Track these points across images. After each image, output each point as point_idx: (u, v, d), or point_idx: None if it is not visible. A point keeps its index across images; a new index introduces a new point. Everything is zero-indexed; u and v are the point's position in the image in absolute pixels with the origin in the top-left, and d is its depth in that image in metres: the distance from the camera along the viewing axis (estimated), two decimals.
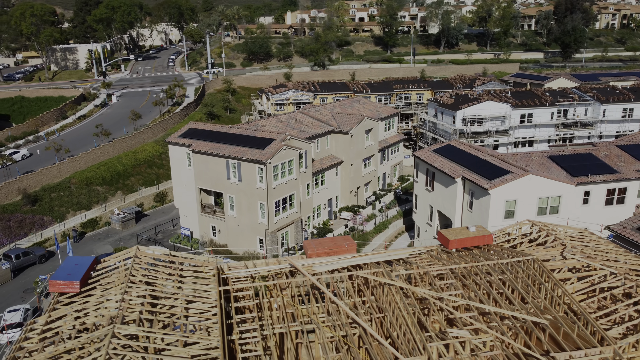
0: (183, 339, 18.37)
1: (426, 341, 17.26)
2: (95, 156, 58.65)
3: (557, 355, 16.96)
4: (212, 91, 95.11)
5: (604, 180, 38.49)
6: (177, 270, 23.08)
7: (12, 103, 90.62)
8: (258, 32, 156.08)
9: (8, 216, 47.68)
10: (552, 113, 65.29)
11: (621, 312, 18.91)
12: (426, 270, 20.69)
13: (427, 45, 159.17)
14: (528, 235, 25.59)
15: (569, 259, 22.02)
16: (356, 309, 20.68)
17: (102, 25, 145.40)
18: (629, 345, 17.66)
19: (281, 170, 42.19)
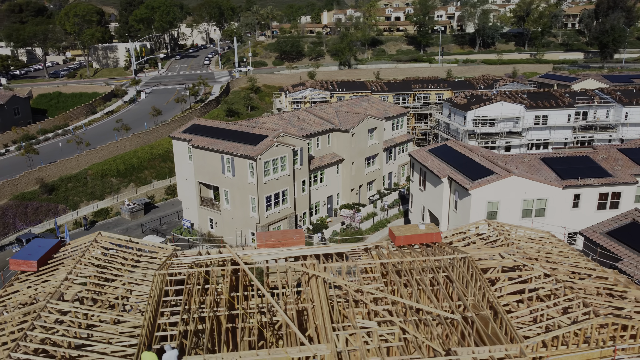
0: (116, 317, 19.78)
1: (333, 330, 17.94)
2: (113, 149, 61.68)
3: (459, 350, 17.23)
4: (237, 89, 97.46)
5: (596, 183, 37.50)
6: (134, 255, 24.59)
7: (50, 98, 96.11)
8: (293, 32, 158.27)
9: (25, 203, 51.05)
10: (569, 115, 63.44)
11: (540, 312, 18.91)
12: (356, 264, 21.26)
13: (462, 44, 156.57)
14: (482, 235, 25.63)
15: (506, 259, 22.01)
16: (286, 298, 21.52)
17: (142, 24, 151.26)
18: (537, 345, 17.69)
19: (272, 166, 43.31)
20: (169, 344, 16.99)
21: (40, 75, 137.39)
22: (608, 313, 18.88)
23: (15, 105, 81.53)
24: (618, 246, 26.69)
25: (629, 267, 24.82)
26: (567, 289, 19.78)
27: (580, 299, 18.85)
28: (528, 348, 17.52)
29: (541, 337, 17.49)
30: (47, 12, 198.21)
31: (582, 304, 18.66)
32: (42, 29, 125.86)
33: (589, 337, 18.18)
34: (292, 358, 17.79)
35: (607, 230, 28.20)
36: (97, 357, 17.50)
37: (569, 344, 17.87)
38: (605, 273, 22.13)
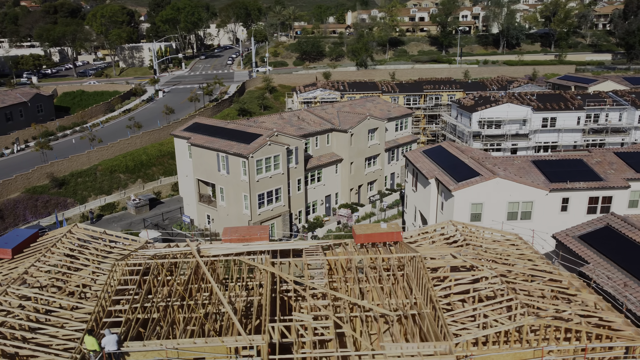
0: (74, 304, 20.93)
1: (275, 322, 18.61)
2: (123, 146, 63.75)
3: (388, 346, 17.65)
4: (253, 89, 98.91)
5: (585, 187, 36.92)
6: (107, 247, 25.77)
7: (74, 97, 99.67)
8: (316, 32, 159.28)
9: (36, 196, 53.38)
10: (579, 117, 62.18)
11: (478, 311, 19.09)
12: (302, 260, 21.85)
13: (486, 45, 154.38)
14: (446, 236, 25.80)
15: (456, 259, 22.18)
16: (237, 290, 22.28)
17: (168, 25, 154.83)
18: (467, 343, 17.90)
19: (265, 165, 44.16)
20: (108, 329, 17.92)
21: (70, 74, 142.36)
22: (549, 315, 18.95)
23: (38, 103, 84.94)
24: (587, 250, 26.41)
25: (591, 271, 24.58)
26: (510, 290, 19.88)
27: (519, 300, 18.95)
28: (458, 346, 17.76)
29: (471, 336, 17.71)
30: (80, 13, 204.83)
31: (520, 305, 18.76)
32: (71, 29, 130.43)
33: (524, 337, 18.27)
34: (229, 347, 18.53)
35: (580, 234, 27.91)
36: (46, 340, 18.63)
37: (501, 344, 18.02)
38: (560, 276, 22.08)
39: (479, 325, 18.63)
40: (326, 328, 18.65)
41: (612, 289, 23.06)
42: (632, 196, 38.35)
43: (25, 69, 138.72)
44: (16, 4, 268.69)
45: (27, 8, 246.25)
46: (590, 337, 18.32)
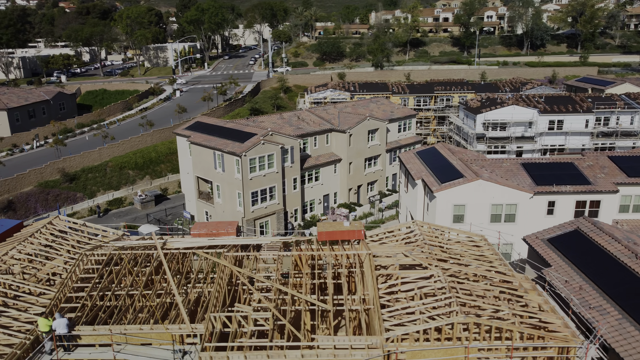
0: (41, 290, 22.33)
1: (214, 312, 19.53)
2: (134, 144, 65.90)
3: (320, 338, 18.33)
4: (268, 89, 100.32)
5: (571, 191, 36.55)
6: (86, 238, 27.19)
7: (96, 95, 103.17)
8: (337, 32, 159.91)
9: (48, 190, 55.87)
10: (587, 120, 61.06)
11: (415, 308, 19.55)
12: (258, 255, 22.69)
13: (509, 46, 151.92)
14: (408, 235, 26.21)
15: (407, 258, 22.63)
16: (194, 282, 23.25)
17: (192, 26, 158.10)
18: (398, 338, 18.39)
19: (259, 163, 45.18)
20: (59, 313, 19.15)
21: (98, 74, 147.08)
22: (486, 315, 19.28)
23: (61, 101, 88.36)
24: (552, 253, 26.39)
25: (550, 274, 24.61)
26: (451, 289, 20.28)
27: (454, 298, 19.33)
28: (389, 341, 18.29)
29: (401, 331, 18.22)
30: (112, 14, 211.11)
31: (456, 303, 19.14)
32: (99, 30, 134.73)
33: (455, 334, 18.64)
34: (173, 334, 19.54)
35: (549, 237, 27.86)
36: (7, 322, 20.02)
37: (432, 340, 18.45)
38: (512, 278, 22.33)
39: (413, 321, 19.11)
40: (266, 320, 19.43)
41: (565, 292, 23.09)
42: (623, 201, 37.77)
43: (55, 68, 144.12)
44: (55, 4, 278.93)
45: (64, 9, 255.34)
46: (523, 337, 18.56)
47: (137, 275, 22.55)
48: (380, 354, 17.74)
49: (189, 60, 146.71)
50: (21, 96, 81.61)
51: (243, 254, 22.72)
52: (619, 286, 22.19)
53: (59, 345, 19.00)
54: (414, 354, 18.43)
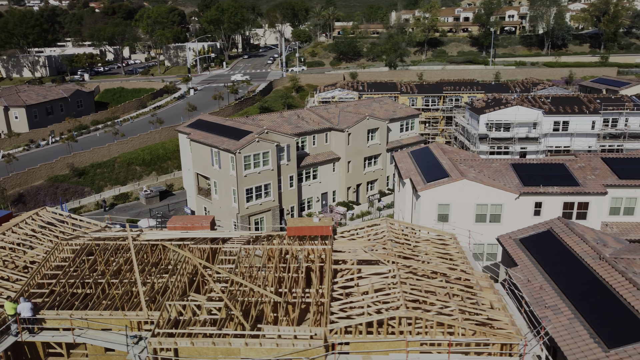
0: (18, 277, 23.57)
1: (170, 299, 20.39)
2: (143, 140, 67.67)
3: (267, 328, 18.98)
4: (280, 88, 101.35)
5: (558, 192, 36.26)
6: (69, 229, 28.43)
7: (114, 93, 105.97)
8: (357, 32, 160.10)
9: (57, 184, 57.96)
10: (593, 122, 60.06)
11: (362, 302, 20.01)
12: (220, 248, 23.47)
13: (529, 46, 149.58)
14: (377, 232, 26.62)
15: (365, 253, 23.07)
16: (159, 272, 24.14)
17: (212, 25, 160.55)
18: (341, 330, 18.87)
19: (254, 161, 46.05)
20: (23, 297, 20.27)
21: (120, 72, 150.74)
22: (434, 310, 19.62)
23: (78, 99, 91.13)
24: (520, 253, 26.43)
25: (514, 273, 24.70)
26: (402, 284, 20.67)
27: (400, 293, 19.72)
28: (332, 332, 18.82)
29: (344, 324, 18.71)
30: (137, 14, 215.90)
31: (403, 298, 19.54)
32: (120, 30, 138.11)
33: (397, 328, 19.03)
34: (131, 321, 20.47)
35: (521, 237, 27.88)
36: None
37: (375, 333, 18.90)
38: (470, 276, 22.58)
39: (360, 314, 19.58)
40: (219, 309, 20.16)
41: (524, 291, 23.18)
42: (614, 203, 37.30)
43: (79, 66, 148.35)
44: (86, 4, 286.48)
45: (93, 9, 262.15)
46: (466, 333, 18.84)
47: (107, 265, 23.57)
48: (321, 344, 18.28)
49: (207, 59, 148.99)
50: (40, 94, 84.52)
51: (208, 246, 23.53)
52: (577, 286, 22.19)
53: (24, 328, 20.11)
54: (357, 345, 18.91)
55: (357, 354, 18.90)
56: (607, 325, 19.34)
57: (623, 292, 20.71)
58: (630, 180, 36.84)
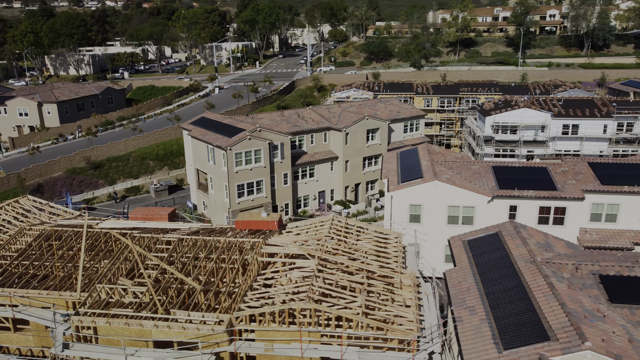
0: None
1: (98, 282, 22.03)
2: (158, 136, 70.64)
3: (179, 312, 20.24)
4: (303, 87, 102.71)
5: (533, 196, 35.74)
6: (46, 217, 30.73)
7: (145, 91, 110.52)
8: (394, 32, 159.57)
9: (73, 176, 61.55)
10: (605, 125, 57.99)
11: (276, 292, 20.93)
12: (160, 237, 24.91)
13: (569, 47, 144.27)
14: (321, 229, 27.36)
15: (295, 248, 23.89)
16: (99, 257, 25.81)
17: (247, 25, 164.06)
18: (246, 317, 19.87)
19: (245, 158, 47.50)
20: None
21: (158, 71, 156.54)
22: (338, 304, 20.31)
23: (109, 96, 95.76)
24: (463, 254, 26.51)
25: (449, 274, 24.89)
26: (317, 278, 21.45)
27: (311, 286, 20.50)
28: (238, 320, 19.87)
29: (250, 312, 19.72)
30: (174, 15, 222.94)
31: (311, 291, 20.34)
32: (158, 30, 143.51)
33: (298, 319, 19.82)
34: (66, 300, 22.22)
35: (469, 239, 27.90)
36: None
37: (277, 322, 19.78)
38: (395, 274, 23.08)
39: (267, 304, 20.50)
40: (142, 293, 21.59)
41: (452, 292, 23.38)
42: (595, 209, 36.38)
43: (120, 65, 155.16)
44: (139, 5, 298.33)
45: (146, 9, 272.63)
46: (363, 327, 19.40)
47: (59, 250, 25.50)
48: (223, 330, 19.34)
49: (240, 58, 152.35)
50: (73, 90, 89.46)
51: (149, 235, 25.03)
52: (501, 289, 22.22)
53: None
54: (262, 333, 19.87)
55: (261, 342, 19.85)
56: (510, 328, 19.43)
57: (538, 296, 20.67)
58: (612, 186, 35.84)
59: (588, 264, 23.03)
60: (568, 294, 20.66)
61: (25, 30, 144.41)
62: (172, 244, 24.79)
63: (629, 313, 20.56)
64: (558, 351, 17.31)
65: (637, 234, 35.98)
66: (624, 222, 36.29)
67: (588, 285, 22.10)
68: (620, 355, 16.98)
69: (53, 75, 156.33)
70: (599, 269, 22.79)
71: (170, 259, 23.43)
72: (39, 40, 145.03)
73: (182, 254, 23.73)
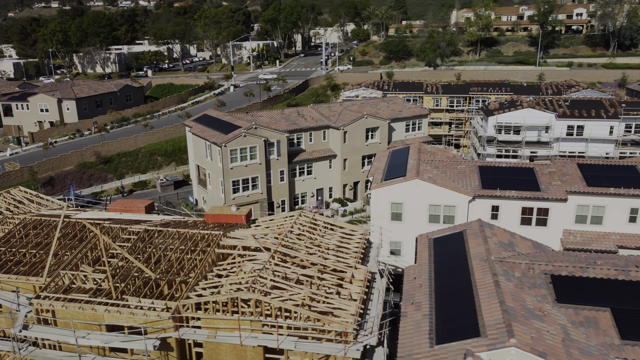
0: None
1: (62, 269, 23.20)
2: (168, 133, 72.46)
3: (130, 298, 21.22)
4: (316, 86, 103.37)
5: (515, 196, 35.51)
6: (35, 207, 32.32)
7: (163, 88, 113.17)
8: (414, 31, 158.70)
9: (84, 170, 63.83)
10: (611, 127, 56.73)
11: (225, 282, 21.67)
12: (127, 228, 25.98)
13: (594, 46, 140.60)
14: (286, 223, 27.99)
15: (252, 241, 24.58)
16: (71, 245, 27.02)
17: (269, 25, 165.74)
18: (192, 305, 20.67)
19: (240, 154, 48.49)
20: None
21: (180, 69, 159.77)
22: (283, 296, 20.93)
23: (127, 93, 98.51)
24: (425, 252, 26.70)
25: (407, 271, 25.19)
26: (266, 269, 22.11)
27: (258, 278, 21.17)
28: (185, 307, 20.70)
29: (195, 300, 20.53)
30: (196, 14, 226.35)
31: (256, 283, 21.02)
32: (180, 29, 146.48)
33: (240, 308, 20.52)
34: (33, 285, 23.49)
35: (435, 237, 28.06)
36: None
37: (221, 310, 20.53)
38: (350, 269, 23.56)
39: (212, 293, 21.26)
40: (102, 279, 22.66)
41: (406, 288, 23.68)
42: (580, 211, 35.90)
43: (144, 63, 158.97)
44: (170, 5, 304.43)
45: (173, 9, 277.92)
46: (302, 318, 19.96)
47: (36, 237, 26.87)
48: (169, 316, 20.20)
49: (260, 57, 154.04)
50: (92, 88, 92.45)
51: (118, 226, 26.13)
52: (451, 286, 22.42)
53: None
54: (207, 321, 20.66)
55: (206, 329, 20.64)
56: (447, 323, 19.67)
57: (482, 294, 20.81)
58: (597, 188, 35.30)
59: (542, 264, 22.99)
60: (511, 293, 20.75)
61: (54, 30, 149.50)
62: (138, 234, 25.82)
63: (573, 313, 20.51)
64: (484, 347, 17.50)
65: (623, 236, 35.35)
66: (610, 224, 35.68)
67: (538, 284, 22.09)
68: (545, 352, 17.08)
69: (81, 73, 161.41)
70: (552, 269, 22.73)
71: (133, 248, 24.45)
72: (68, 39, 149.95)
73: (146, 245, 24.73)
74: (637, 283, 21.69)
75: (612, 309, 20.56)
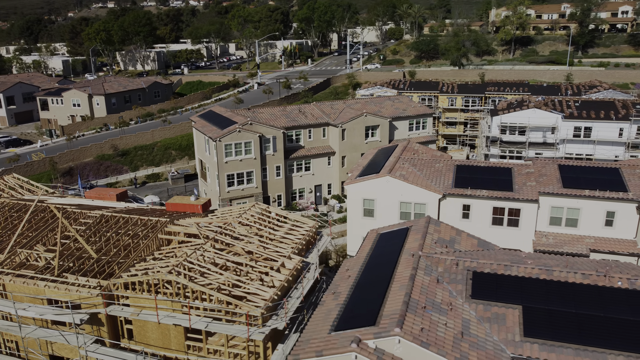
0: None
1: (20, 247, 25.35)
2: (184, 128, 75.25)
3: (69, 276, 23.02)
4: (338, 84, 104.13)
5: (485, 195, 35.31)
6: (25, 192, 35.00)
7: (192, 85, 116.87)
8: (450, 30, 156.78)
9: (101, 162, 67.39)
10: (621, 129, 54.73)
11: (154, 265, 23.12)
12: (87, 213, 27.90)
13: (637, 45, 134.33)
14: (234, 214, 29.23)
15: (195, 229, 25.93)
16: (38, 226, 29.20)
17: (303, 24, 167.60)
18: (121, 284, 22.23)
19: (235, 149, 50.11)
20: None
21: (218, 67, 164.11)
22: (208, 279, 22.19)
23: (156, 89, 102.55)
24: (367, 246, 27.26)
25: (345, 263, 25.84)
26: (195, 254, 23.43)
27: (179, 262, 22.51)
28: (115, 287, 22.31)
29: (123, 280, 22.09)
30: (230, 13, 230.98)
31: (178, 266, 22.36)
32: (215, 28, 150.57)
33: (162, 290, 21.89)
34: None
35: (383, 232, 28.53)
36: None
37: (145, 290, 21.99)
38: (282, 258, 24.61)
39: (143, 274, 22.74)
40: (38, 259, 24.60)
41: (336, 279, 24.39)
42: (554, 213, 35.35)
43: (181, 61, 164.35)
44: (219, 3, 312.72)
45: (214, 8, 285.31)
46: (215, 300, 21.13)
47: (10, 218, 29.28)
48: (98, 293, 21.85)
49: (292, 55, 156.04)
50: (122, 84, 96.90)
51: (79, 210, 28.13)
52: (372, 278, 22.97)
53: None
54: (134, 300, 22.18)
55: (133, 308, 22.16)
56: (351, 312, 20.32)
57: (394, 286, 21.32)
58: (572, 190, 34.63)
59: (467, 261, 23.20)
60: (423, 286, 21.15)
61: (98, 29, 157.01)
62: (95, 219, 27.72)
63: (483, 309, 20.69)
64: (372, 335, 18.11)
65: (598, 240, 34.52)
66: (585, 227, 34.92)
67: (458, 280, 22.32)
68: (428, 343, 17.54)
69: (122, 70, 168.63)
70: (476, 265, 22.90)
71: (87, 231, 26.34)
72: (110, 38, 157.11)
73: (99, 228, 26.56)
74: (557, 283, 21.63)
75: (524, 306, 20.60)
